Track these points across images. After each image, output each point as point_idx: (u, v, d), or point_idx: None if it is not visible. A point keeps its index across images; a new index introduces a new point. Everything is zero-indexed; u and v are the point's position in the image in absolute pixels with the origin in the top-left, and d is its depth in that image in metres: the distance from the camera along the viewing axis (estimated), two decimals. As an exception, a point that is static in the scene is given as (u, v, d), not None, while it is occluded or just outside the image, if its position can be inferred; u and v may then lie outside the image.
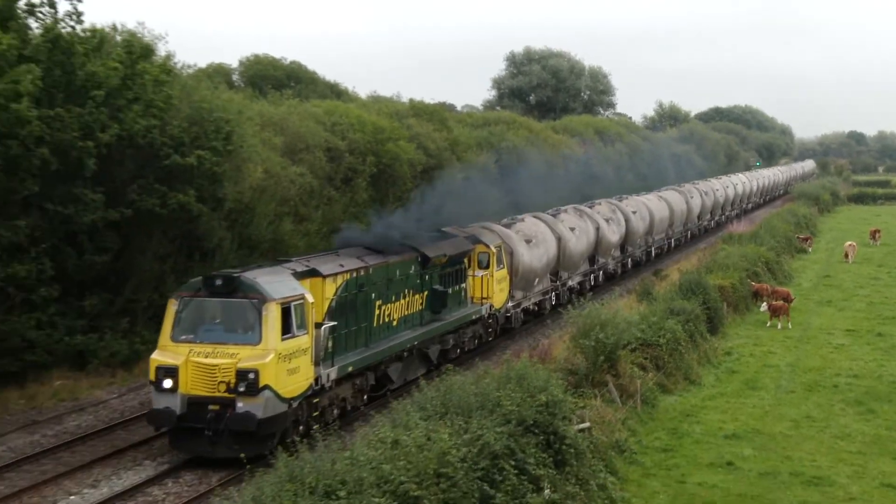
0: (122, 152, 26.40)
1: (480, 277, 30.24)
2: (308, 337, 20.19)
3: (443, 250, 27.43)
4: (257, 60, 60.29)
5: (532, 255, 34.19)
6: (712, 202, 70.55)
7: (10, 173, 23.21)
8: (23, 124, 22.82)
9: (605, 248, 43.81)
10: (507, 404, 17.63)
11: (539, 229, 36.18)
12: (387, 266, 24.51)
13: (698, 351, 30.07)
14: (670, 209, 56.97)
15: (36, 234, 24.28)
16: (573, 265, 39.62)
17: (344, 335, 22.07)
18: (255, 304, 19.31)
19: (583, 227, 40.88)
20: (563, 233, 37.77)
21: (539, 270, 35.37)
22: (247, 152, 30.70)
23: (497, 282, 30.97)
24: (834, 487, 19.76)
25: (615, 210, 47.05)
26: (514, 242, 33.03)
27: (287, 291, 19.87)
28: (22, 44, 24.36)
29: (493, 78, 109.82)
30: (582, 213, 42.36)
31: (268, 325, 19.18)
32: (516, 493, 15.73)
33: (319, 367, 20.74)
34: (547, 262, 36.07)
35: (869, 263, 55.06)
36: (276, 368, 19.06)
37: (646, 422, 23.77)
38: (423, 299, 26.55)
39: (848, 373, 29.15)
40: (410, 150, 43.89)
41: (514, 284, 32.89)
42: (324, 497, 13.21)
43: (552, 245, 36.56)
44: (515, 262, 32.70)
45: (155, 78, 27.18)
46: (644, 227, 50.55)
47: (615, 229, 45.45)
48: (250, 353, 19.10)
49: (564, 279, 38.68)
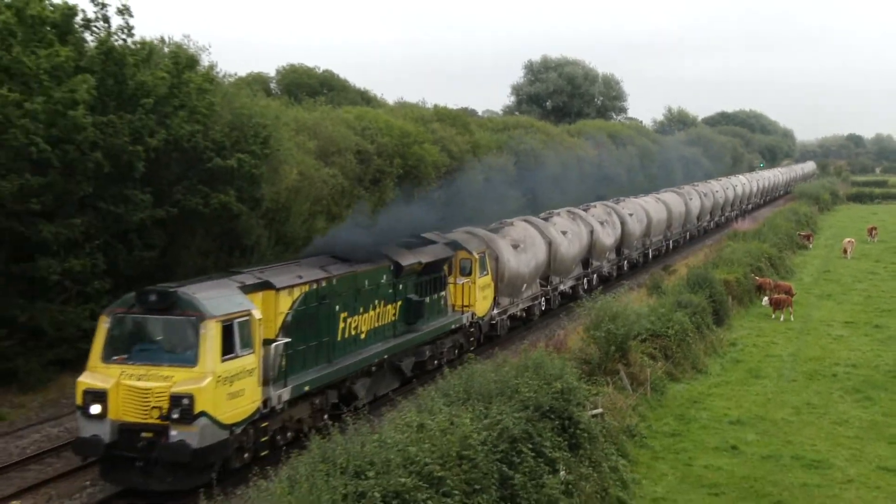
0: (168, 156, 26.59)
1: (462, 285, 27.59)
2: (254, 356, 17.63)
3: (418, 257, 24.76)
4: (293, 69, 60.53)
5: (519, 261, 31.75)
6: (712, 203, 67.62)
7: (67, 176, 23.44)
8: (79, 130, 23.04)
9: (599, 251, 41.13)
10: (524, 391, 17.64)
11: (528, 234, 33.65)
12: (354, 276, 21.83)
13: (705, 342, 29.96)
14: (668, 211, 54.11)
15: (90, 232, 24.50)
16: (565, 269, 36.90)
17: (301, 352, 19.49)
18: (192, 321, 16.77)
19: (576, 230, 38.15)
20: (555, 237, 35.23)
21: (527, 276, 32.76)
22: (283, 155, 30.86)
23: (480, 289, 28.45)
24: (832, 470, 19.67)
25: (611, 213, 44.36)
26: (500, 248, 30.53)
27: (230, 307, 17.28)
28: (78, 56, 24.60)
29: (512, 85, 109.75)
30: (575, 217, 39.58)
31: (206, 345, 16.59)
32: (533, 475, 15.75)
33: (269, 388, 18.18)
34: (536, 266, 33.47)
35: (866, 259, 54.65)
36: (214, 393, 16.50)
37: (655, 408, 23.72)
38: (396, 310, 23.83)
39: (846, 362, 28.98)
40: (435, 152, 43.95)
41: (500, 291, 30.44)
42: (354, 477, 13.26)
43: (542, 249, 34.01)
44: (501, 267, 30.26)
45: (199, 86, 27.34)
46: (641, 229, 47.91)
47: (610, 232, 42.77)
48: (186, 375, 16.52)
49: (555, 284, 36.07)
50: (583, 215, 40.22)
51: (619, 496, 17.79)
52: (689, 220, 59.98)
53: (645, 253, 49.94)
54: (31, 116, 22.05)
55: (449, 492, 13.72)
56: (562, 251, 35.55)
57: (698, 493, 18.38)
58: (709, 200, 66.21)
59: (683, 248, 57.84)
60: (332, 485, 12.82)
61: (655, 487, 18.62)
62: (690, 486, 18.74)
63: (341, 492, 12.69)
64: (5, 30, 22.32)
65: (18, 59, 22.36)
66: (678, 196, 58.07)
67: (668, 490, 18.52)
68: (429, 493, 13.36)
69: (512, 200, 46.01)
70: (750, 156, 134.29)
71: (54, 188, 23.07)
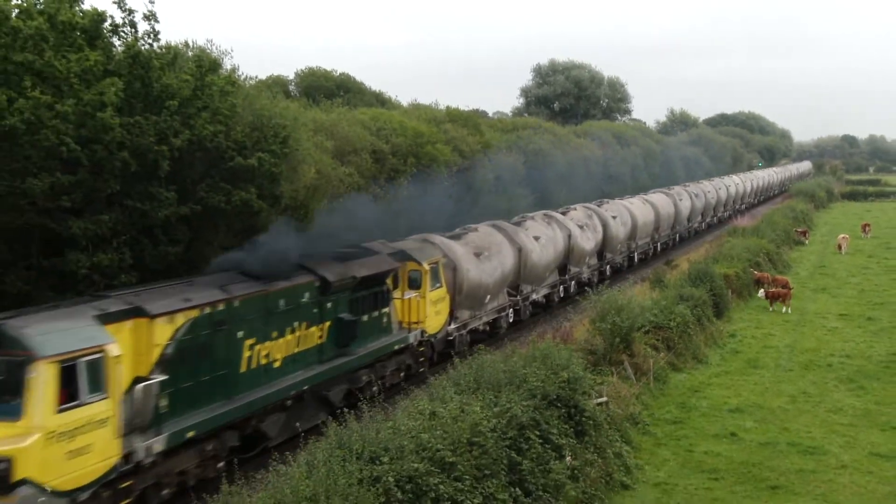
0: (192, 155, 26.58)
1: (409, 300, 23.71)
2: (109, 402, 13.78)
3: (352, 271, 20.82)
4: (311, 72, 60.43)
5: (482, 270, 27.67)
6: (703, 204, 62.79)
7: (95, 174, 23.47)
8: (107, 131, 23.06)
9: (578, 257, 37.00)
10: (532, 380, 17.62)
11: (494, 240, 29.60)
12: (265, 295, 17.87)
13: (705, 333, 29.87)
14: (656, 213, 49.83)
15: (117, 228, 24.51)
16: (537, 277, 32.69)
17: (187, 389, 15.63)
18: (17, 363, 12.79)
19: (550, 235, 34.14)
20: (525, 243, 31.12)
21: (491, 286, 28.60)
22: (301, 155, 30.78)
23: (432, 303, 24.63)
24: (827, 456, 19.60)
25: (591, 215, 40.37)
26: (459, 256, 26.60)
27: (73, 343, 13.32)
28: (106, 60, 24.59)
29: (521, 87, 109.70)
30: (552, 221, 35.49)
31: (34, 393, 12.70)
32: (541, 460, 15.73)
33: (134, 439, 14.35)
34: (502, 275, 29.35)
35: (860, 254, 54.41)
36: (43, 453, 12.60)
37: (657, 397, 23.65)
38: (323, 332, 19.85)
39: (841, 353, 28.88)
40: (447, 152, 43.83)
41: (458, 304, 26.47)
42: (369, 462, 13.27)
43: (509, 257, 29.91)
44: (459, 278, 26.26)
45: (221, 89, 27.30)
46: (626, 232, 43.80)
47: (590, 236, 38.65)
48: (6, 432, 12.59)
49: (527, 293, 31.93)
50: (560, 219, 36.33)
51: (622, 481, 17.77)
52: (678, 221, 55.57)
53: (630, 256, 45.92)
54: (62, 118, 22.08)
55: (460, 476, 13.72)
56: (533, 258, 31.67)
57: (698, 477, 18.32)
58: (700, 201, 62.02)
59: (670, 252, 52.49)
60: (348, 469, 12.84)
61: (658, 472, 18.58)
62: (691, 471, 18.69)
63: (357, 476, 12.72)
64: (38, 35, 22.33)
65: (50, 63, 22.39)
66: (667, 197, 54.14)
67: (669, 475, 18.47)
68: (440, 478, 13.36)
69: (521, 198, 45.99)
70: (749, 155, 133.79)
71: (83, 186, 23.11)
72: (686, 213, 57.39)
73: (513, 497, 14.46)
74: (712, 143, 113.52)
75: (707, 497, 17.37)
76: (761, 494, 17.51)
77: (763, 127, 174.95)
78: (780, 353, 28.81)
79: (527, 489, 14.99)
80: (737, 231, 52.24)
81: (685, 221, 57.82)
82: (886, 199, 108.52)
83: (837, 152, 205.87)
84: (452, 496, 13.25)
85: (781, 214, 64.78)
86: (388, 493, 12.63)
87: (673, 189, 57.42)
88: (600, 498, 16.75)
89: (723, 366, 27.37)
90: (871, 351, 29.22)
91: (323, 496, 12.03)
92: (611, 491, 17.28)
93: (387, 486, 12.67)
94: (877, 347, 29.70)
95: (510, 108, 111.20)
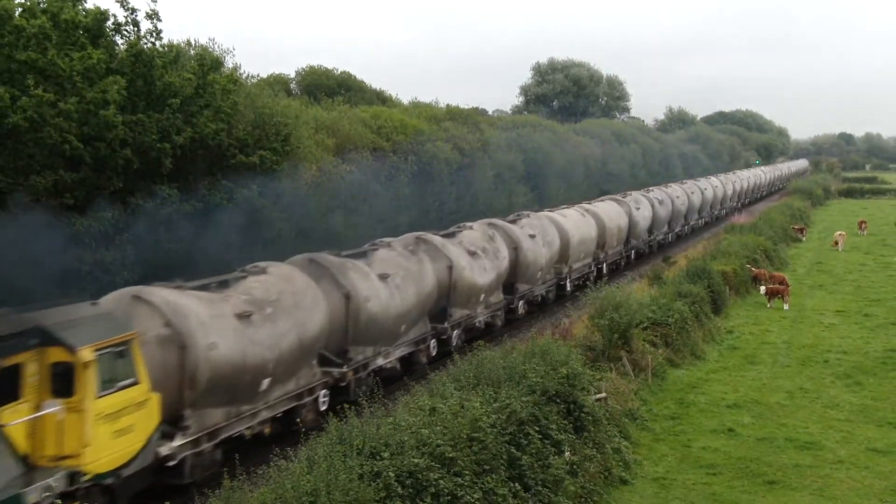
0: (194, 152, 26.61)
1: (47, 416, 13.49)
2: None
3: None
4: (312, 71, 60.31)
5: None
6: (668, 213, 51.83)
7: (98, 171, 23.50)
8: (110, 128, 23.08)
9: (464, 296, 26.25)
10: (532, 376, 17.60)
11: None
12: None
13: (703, 329, 29.84)
14: (599, 227, 38.88)
15: (120, 225, 24.57)
16: (376, 339, 21.71)
17: None
18: None
19: (413, 270, 23.60)
20: (354, 288, 20.69)
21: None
22: (302, 152, 30.81)
23: (107, 418, 14.06)
24: (824, 451, 19.56)
25: (493, 238, 28.81)
26: (189, 324, 16.22)
27: None
28: (109, 58, 24.61)
29: (520, 86, 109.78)
30: (415, 251, 24.66)
31: None
32: (540, 456, 15.71)
33: None
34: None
35: (857, 251, 54.35)
36: None
37: (656, 392, 23.63)
38: None
39: (837, 349, 28.83)
40: (447, 150, 43.80)
41: (197, 403, 16.16)
42: (369, 457, 13.26)
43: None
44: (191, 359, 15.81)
45: (223, 87, 27.34)
46: (548, 255, 32.27)
47: (489, 265, 27.61)
48: None
49: (358, 360, 20.96)
50: (438, 245, 25.60)
51: (621, 476, 17.74)
52: (635, 234, 45.14)
53: (560, 283, 34.64)
54: (65, 116, 22.09)
55: (460, 472, 13.70)
56: (368, 315, 21.15)
57: (697, 472, 18.31)
58: (664, 209, 50.81)
59: (613, 277, 40.26)
60: (349, 465, 12.82)
61: (656, 468, 18.56)
62: (689, 466, 18.67)
63: (357, 471, 12.69)
64: (41, 34, 22.33)
65: (53, 61, 22.39)
66: (619, 205, 44.02)
67: (667, 470, 18.45)
68: (441, 473, 13.34)
69: (521, 195, 45.96)
70: (747, 153, 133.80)
71: (86, 183, 23.12)
72: (645, 224, 46.98)
73: (512, 492, 14.43)
74: (710, 140, 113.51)
75: (705, 492, 17.35)
76: (759, 489, 17.50)
77: (760, 125, 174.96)
78: (777, 350, 28.79)
79: (526, 484, 14.97)
80: (734, 228, 52.25)
81: (645, 234, 47.57)
82: (883, 196, 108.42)
83: (834, 150, 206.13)
84: (452, 491, 13.23)
85: (779, 212, 64.82)
86: (388, 488, 12.61)
87: (629, 196, 47.39)
88: (599, 493, 16.73)
89: (721, 362, 27.35)
90: (868, 347, 29.18)
91: (324, 491, 12.02)
92: (609, 486, 17.25)
93: (387, 482, 12.65)
94: (873, 344, 29.66)
95: (510, 106, 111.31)
